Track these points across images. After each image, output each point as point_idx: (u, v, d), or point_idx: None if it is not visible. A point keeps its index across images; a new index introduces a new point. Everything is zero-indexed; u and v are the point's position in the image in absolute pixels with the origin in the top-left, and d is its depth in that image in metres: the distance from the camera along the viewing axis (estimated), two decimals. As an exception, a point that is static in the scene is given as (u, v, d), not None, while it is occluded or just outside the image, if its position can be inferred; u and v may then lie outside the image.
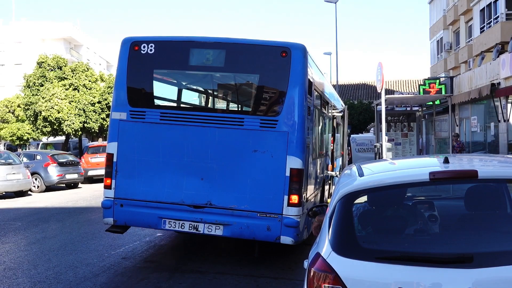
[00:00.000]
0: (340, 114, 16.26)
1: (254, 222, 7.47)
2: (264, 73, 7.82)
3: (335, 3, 34.74)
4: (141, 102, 8.09)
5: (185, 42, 8.05)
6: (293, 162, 7.42)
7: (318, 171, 9.95)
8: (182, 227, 7.77)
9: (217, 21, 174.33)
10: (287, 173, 7.41)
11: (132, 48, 8.02)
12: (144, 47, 7.97)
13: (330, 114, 12.42)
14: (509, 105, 20.19)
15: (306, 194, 8.00)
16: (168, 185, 7.80)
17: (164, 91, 8.84)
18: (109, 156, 8.04)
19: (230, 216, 7.56)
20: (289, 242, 7.44)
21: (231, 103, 9.04)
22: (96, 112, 32.93)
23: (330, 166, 12.74)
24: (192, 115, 8.01)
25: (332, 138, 13.41)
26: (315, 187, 9.44)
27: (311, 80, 8.12)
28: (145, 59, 8.02)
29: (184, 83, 9.02)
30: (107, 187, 8.04)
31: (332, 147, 13.42)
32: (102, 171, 24.10)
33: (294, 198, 7.39)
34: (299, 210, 7.44)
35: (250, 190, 7.51)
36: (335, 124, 14.29)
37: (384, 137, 15.57)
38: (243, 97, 8.67)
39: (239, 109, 8.75)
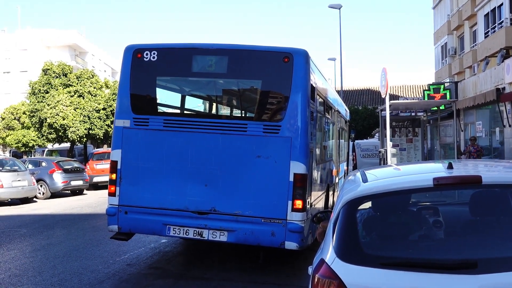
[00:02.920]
0: (344, 119, 16.25)
1: (259, 228, 7.46)
2: (266, 79, 7.85)
3: (339, 9, 34.79)
4: (145, 109, 8.12)
5: (187, 49, 8.09)
6: (297, 167, 7.42)
7: (322, 176, 9.94)
8: (187, 233, 7.77)
9: (222, 28, 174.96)
10: (291, 178, 7.41)
11: (135, 56, 8.06)
12: (147, 54, 8.01)
13: (333, 119, 12.42)
14: (514, 110, 20.14)
15: (310, 199, 8.00)
16: (172, 192, 7.81)
17: (167, 98, 8.88)
18: (113, 164, 8.07)
19: (234, 222, 7.55)
20: (293, 248, 7.43)
21: (234, 109, 9.07)
22: (101, 119, 33.02)
23: (334, 171, 12.73)
24: (195, 121, 8.04)
25: (336, 143, 13.40)
26: (320, 192, 9.44)
27: (314, 85, 8.14)
28: (148, 67, 8.05)
29: (187, 90, 9.05)
30: (112, 194, 8.06)
31: (336, 152, 13.40)
32: (107, 178, 24.17)
33: (298, 203, 7.39)
34: (303, 215, 7.44)
35: (254, 196, 7.52)
36: (339, 129, 14.28)
37: (389, 143, 15.56)
38: (246, 103, 8.69)
39: (242, 115, 8.77)
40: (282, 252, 8.66)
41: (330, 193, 11.45)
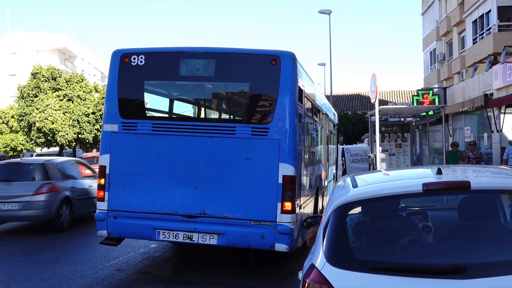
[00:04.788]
0: (332, 123, 16.30)
1: (248, 230, 7.47)
2: (254, 82, 7.88)
3: (329, 14, 34.95)
4: (133, 113, 8.12)
5: (175, 53, 8.12)
6: (286, 169, 7.45)
7: (311, 178, 9.97)
8: (176, 237, 7.76)
9: (212, 33, 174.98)
10: (280, 180, 7.43)
11: (122, 60, 8.05)
12: (134, 58, 8.01)
13: (322, 122, 12.46)
14: (502, 115, 20.31)
15: (300, 201, 8.02)
16: (161, 196, 7.80)
17: (155, 102, 8.88)
18: (102, 169, 8.04)
19: (224, 225, 7.56)
20: (283, 250, 7.44)
21: (222, 112, 9.09)
22: (90, 123, 32.91)
23: (323, 173, 12.74)
24: (183, 125, 8.05)
25: (324, 146, 13.42)
26: (309, 194, 9.47)
27: (302, 87, 8.19)
28: (136, 71, 8.05)
29: (175, 94, 9.05)
30: (100, 199, 8.03)
31: (325, 155, 13.43)
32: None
33: (288, 205, 7.41)
34: (293, 217, 7.47)
35: (243, 198, 7.54)
36: (327, 132, 14.32)
37: (378, 148, 15.63)
38: (234, 106, 8.71)
39: (230, 117, 8.78)
40: (272, 256, 8.66)
41: (320, 195, 11.47)
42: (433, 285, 3.06)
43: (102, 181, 8.01)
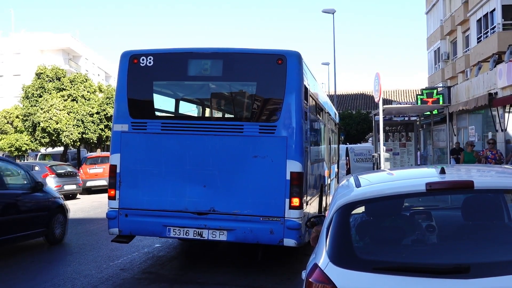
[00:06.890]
0: (334, 121, 16.34)
1: (257, 226, 7.60)
2: (261, 81, 8.00)
3: (333, 13, 34.92)
4: (142, 113, 8.25)
5: (183, 54, 8.23)
6: (293, 166, 7.58)
7: (317, 175, 10.09)
8: (187, 234, 7.87)
9: (217, 32, 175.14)
10: (288, 177, 7.57)
11: (131, 61, 8.19)
12: (143, 60, 8.13)
13: (324, 120, 12.55)
14: (506, 114, 20.25)
15: (306, 198, 8.19)
16: (171, 194, 7.93)
17: (164, 102, 8.99)
18: (113, 168, 8.18)
19: (233, 221, 7.69)
20: (292, 244, 7.57)
21: (230, 111, 9.18)
22: (94, 123, 32.97)
23: (327, 171, 12.83)
24: (192, 124, 8.20)
25: (327, 145, 13.49)
26: (314, 191, 9.62)
27: (307, 86, 8.33)
28: (145, 72, 8.17)
29: (183, 94, 9.16)
30: (112, 198, 8.16)
31: (328, 154, 13.48)
32: (100, 182, 24.23)
33: (295, 201, 7.55)
34: (301, 212, 7.61)
35: (252, 195, 7.66)
36: (329, 131, 14.39)
37: (382, 147, 15.63)
38: (241, 104, 8.81)
39: (238, 116, 8.86)
40: (276, 255, 8.68)
41: (324, 193, 11.55)
42: (436, 284, 3.06)
43: (113, 179, 8.15)
